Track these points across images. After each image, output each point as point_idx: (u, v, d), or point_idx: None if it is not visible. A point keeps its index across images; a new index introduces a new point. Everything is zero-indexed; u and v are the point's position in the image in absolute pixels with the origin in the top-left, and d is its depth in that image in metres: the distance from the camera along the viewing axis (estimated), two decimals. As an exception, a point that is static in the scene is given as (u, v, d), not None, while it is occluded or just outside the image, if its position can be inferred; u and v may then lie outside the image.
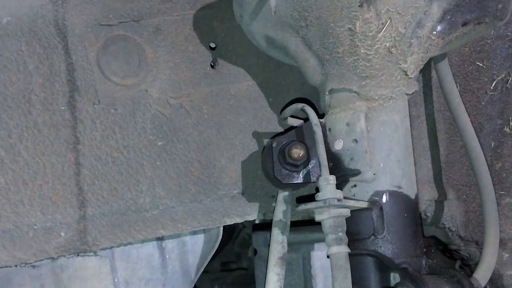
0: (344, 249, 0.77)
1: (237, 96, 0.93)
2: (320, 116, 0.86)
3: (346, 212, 0.78)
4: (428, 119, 0.99)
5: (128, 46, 0.87)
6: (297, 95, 0.96)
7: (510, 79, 0.98)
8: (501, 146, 0.97)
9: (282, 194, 0.90)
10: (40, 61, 0.84)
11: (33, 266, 0.86)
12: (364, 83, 0.80)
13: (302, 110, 0.85)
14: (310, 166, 0.85)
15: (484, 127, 0.98)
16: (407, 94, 0.83)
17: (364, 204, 0.80)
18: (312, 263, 1.03)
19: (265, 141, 0.94)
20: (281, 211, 0.89)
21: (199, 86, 0.91)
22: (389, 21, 0.75)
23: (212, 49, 0.92)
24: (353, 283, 0.77)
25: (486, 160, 0.90)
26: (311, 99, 0.96)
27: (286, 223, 0.90)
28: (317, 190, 0.79)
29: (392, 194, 0.82)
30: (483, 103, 0.99)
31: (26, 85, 0.84)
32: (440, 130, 0.99)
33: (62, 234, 0.85)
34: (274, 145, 0.86)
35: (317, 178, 0.79)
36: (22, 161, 0.83)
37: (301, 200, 0.93)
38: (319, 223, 0.80)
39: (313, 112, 0.83)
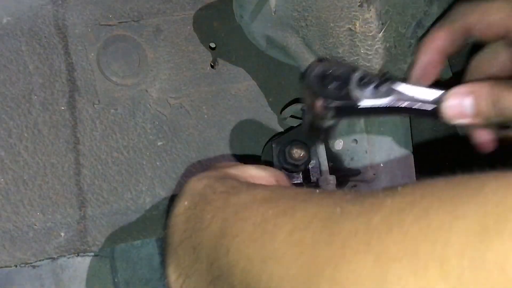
0: (344, 249, 0.77)
1: (237, 96, 0.93)
2: (320, 116, 0.86)
3: (346, 212, 0.78)
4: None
5: (128, 46, 0.87)
6: (297, 95, 0.96)
7: (510, 79, 0.98)
8: (501, 146, 0.97)
9: (282, 194, 0.90)
10: (40, 61, 0.84)
11: (33, 266, 0.86)
12: (364, 83, 0.80)
13: (302, 110, 0.85)
14: (310, 166, 0.85)
15: (484, 127, 0.98)
16: (407, 94, 0.82)
17: (364, 204, 0.80)
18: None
19: (265, 141, 0.94)
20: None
21: (199, 86, 0.91)
22: (389, 21, 0.75)
23: (212, 49, 0.92)
24: (353, 283, 0.77)
25: (486, 159, 0.90)
26: (311, 99, 0.95)
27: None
28: (317, 190, 0.79)
29: (392, 194, 0.82)
30: (483, 103, 0.99)
31: (26, 85, 0.84)
32: (440, 130, 0.99)
33: (62, 234, 0.85)
34: (274, 145, 0.86)
35: (317, 178, 0.79)
36: (22, 161, 0.83)
37: (301, 200, 0.93)
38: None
39: (313, 112, 0.83)
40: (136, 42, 0.88)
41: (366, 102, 0.68)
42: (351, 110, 0.68)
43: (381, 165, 0.82)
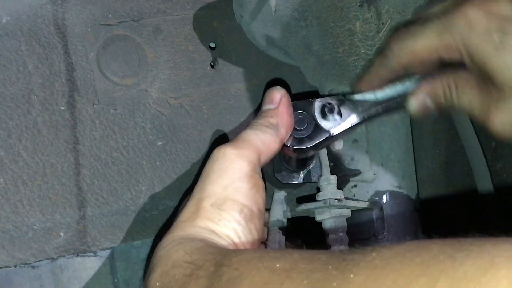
0: (344, 249, 0.77)
1: (237, 96, 0.92)
2: (320, 116, 0.86)
3: (347, 212, 0.78)
4: (428, 119, 0.99)
5: (127, 46, 0.87)
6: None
7: (510, 79, 0.98)
8: (501, 146, 0.97)
9: (279, 194, 0.90)
10: (40, 61, 0.84)
11: (33, 267, 0.86)
12: (364, 83, 0.80)
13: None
14: (311, 166, 0.85)
15: (484, 127, 0.98)
16: (408, 94, 0.82)
17: (364, 204, 0.80)
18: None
19: (265, 141, 0.94)
20: (279, 211, 0.89)
21: (199, 86, 0.91)
22: (389, 21, 0.75)
23: (212, 49, 0.92)
24: (354, 283, 0.77)
25: (486, 160, 0.90)
26: (311, 99, 0.95)
27: (283, 222, 0.90)
28: (318, 190, 0.79)
29: (392, 194, 0.82)
30: (483, 103, 0.99)
31: (25, 85, 0.84)
32: (440, 130, 0.99)
33: (62, 234, 0.85)
34: (274, 145, 0.86)
35: (318, 178, 0.79)
36: (21, 161, 0.83)
37: (301, 200, 0.93)
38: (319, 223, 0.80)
39: (313, 112, 0.83)
40: (136, 42, 0.88)
41: (337, 129, 0.71)
42: (326, 141, 0.71)
43: (381, 165, 0.82)
